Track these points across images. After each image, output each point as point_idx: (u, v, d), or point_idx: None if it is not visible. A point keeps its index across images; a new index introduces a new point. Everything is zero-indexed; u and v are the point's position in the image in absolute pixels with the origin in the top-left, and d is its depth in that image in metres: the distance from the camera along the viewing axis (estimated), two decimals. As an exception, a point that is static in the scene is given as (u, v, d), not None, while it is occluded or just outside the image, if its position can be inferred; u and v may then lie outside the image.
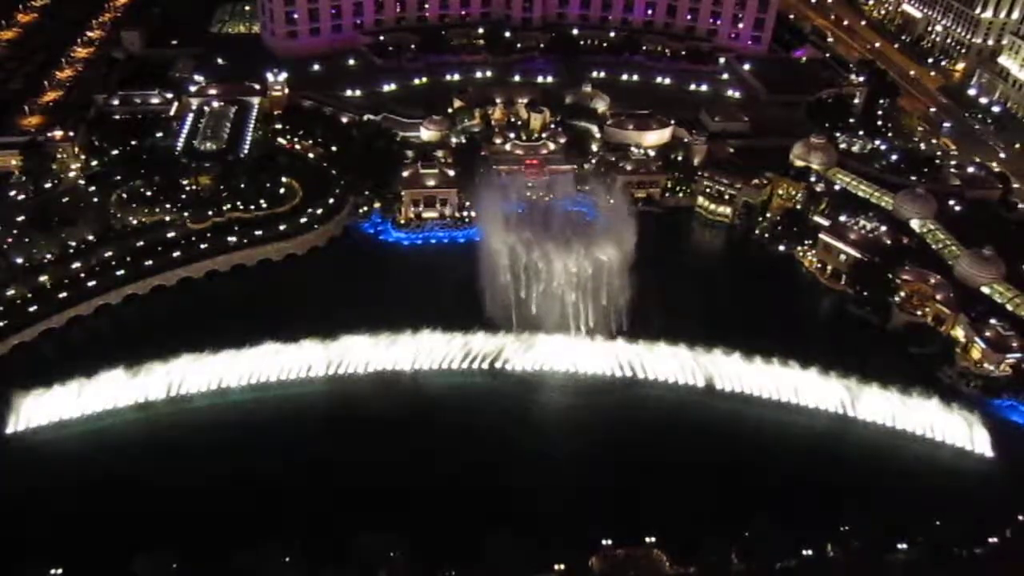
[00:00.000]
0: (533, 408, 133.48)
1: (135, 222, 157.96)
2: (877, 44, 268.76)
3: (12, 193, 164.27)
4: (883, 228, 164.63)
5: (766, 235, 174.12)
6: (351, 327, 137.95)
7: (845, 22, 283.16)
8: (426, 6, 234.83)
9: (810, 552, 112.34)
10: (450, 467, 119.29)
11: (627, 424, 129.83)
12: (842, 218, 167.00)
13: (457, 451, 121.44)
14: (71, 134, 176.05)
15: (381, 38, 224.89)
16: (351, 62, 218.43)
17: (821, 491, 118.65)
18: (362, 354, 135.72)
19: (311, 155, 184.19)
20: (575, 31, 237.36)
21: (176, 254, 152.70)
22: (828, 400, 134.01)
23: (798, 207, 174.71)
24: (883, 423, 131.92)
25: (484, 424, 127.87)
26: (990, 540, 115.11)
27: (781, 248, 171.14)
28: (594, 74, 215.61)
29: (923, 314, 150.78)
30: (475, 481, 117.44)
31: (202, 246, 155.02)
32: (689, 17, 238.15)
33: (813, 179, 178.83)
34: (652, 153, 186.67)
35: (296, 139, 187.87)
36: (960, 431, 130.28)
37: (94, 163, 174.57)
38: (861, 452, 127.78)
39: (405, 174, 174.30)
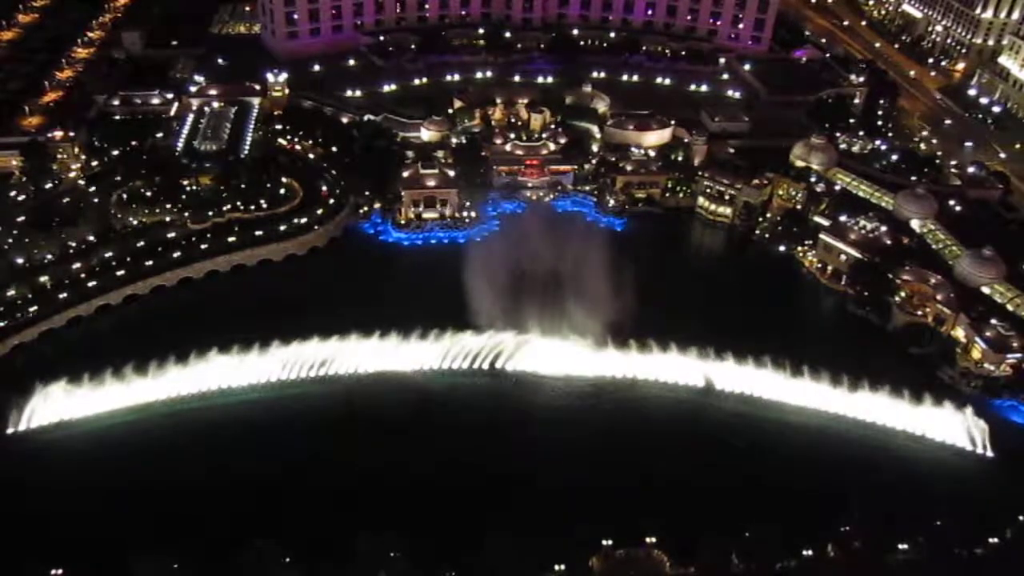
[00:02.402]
0: (533, 408, 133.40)
1: (135, 222, 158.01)
2: (877, 44, 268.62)
3: (12, 193, 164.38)
4: (883, 228, 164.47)
5: (766, 235, 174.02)
6: (351, 327, 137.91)
7: (845, 22, 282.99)
8: (426, 6, 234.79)
9: (810, 552, 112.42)
10: (450, 467, 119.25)
11: (627, 424, 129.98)
12: (842, 218, 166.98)
13: (457, 451, 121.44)
14: (71, 134, 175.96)
15: (381, 38, 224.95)
16: (351, 62, 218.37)
17: (821, 491, 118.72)
18: (362, 354, 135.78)
19: (311, 156, 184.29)
20: (575, 31, 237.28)
21: (176, 254, 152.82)
22: (828, 400, 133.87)
23: (798, 207, 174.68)
24: (883, 423, 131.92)
25: (484, 424, 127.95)
26: (990, 540, 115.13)
27: (781, 248, 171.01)
28: (594, 74, 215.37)
29: (923, 314, 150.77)
30: (475, 481, 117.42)
31: (202, 246, 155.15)
32: (689, 17, 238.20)
33: (813, 179, 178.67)
34: (652, 153, 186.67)
35: (296, 139, 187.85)
36: (960, 431, 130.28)
37: (94, 163, 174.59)
38: (861, 452, 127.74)
39: (405, 174, 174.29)
